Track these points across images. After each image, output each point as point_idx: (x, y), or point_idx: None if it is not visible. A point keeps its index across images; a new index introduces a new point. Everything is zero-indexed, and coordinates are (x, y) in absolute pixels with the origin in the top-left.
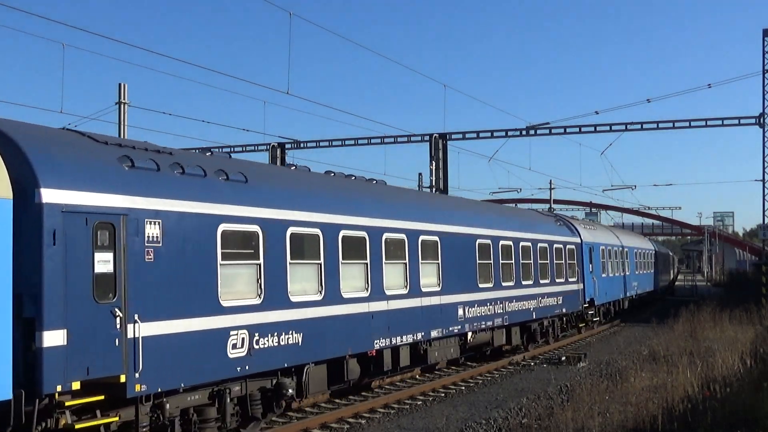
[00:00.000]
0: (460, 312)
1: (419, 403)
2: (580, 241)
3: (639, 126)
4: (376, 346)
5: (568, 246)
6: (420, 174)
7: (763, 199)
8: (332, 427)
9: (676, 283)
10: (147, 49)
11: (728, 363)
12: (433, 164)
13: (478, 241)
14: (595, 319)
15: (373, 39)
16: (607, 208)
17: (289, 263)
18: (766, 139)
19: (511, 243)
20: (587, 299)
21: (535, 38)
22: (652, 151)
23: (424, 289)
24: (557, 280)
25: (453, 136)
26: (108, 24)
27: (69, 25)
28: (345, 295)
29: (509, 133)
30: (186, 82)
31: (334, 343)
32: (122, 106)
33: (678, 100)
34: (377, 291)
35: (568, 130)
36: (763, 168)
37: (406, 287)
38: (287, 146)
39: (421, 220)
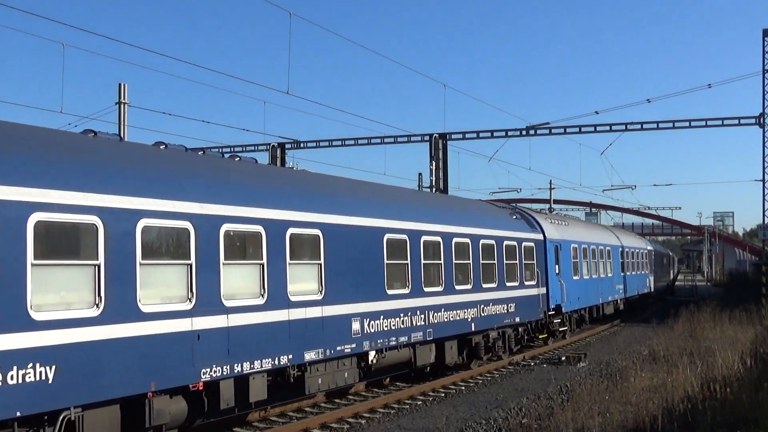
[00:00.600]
0: (356, 326)
1: (419, 403)
2: (542, 238)
3: (639, 126)
4: (206, 377)
5: (525, 243)
6: (420, 174)
7: (763, 199)
8: (332, 427)
9: (676, 283)
10: (147, 49)
11: (728, 363)
12: (433, 164)
13: (388, 236)
14: (562, 329)
15: (373, 39)
16: (607, 208)
17: (32, 264)
18: (766, 139)
19: (439, 239)
20: (552, 306)
21: (535, 38)
22: (652, 151)
23: (293, 298)
24: (508, 284)
25: (453, 136)
26: (108, 24)
27: (69, 25)
28: (146, 309)
29: (509, 133)
30: (186, 82)
31: (124, 377)
32: (122, 106)
33: (678, 100)
34: (208, 302)
35: (568, 130)
36: (763, 168)
37: (261, 296)
38: (287, 146)
39: (292, 209)
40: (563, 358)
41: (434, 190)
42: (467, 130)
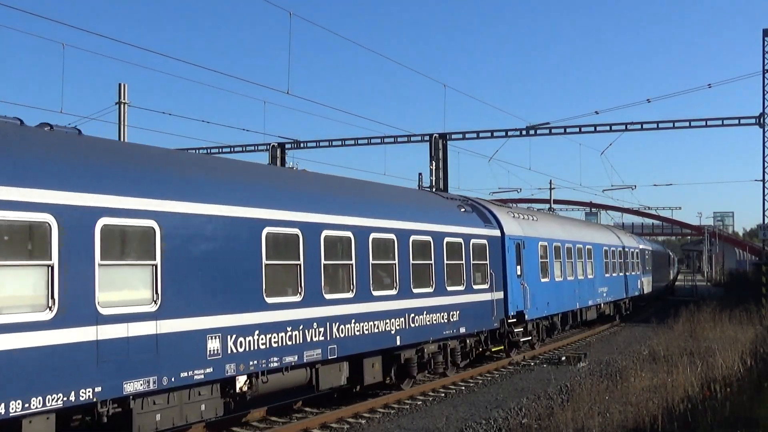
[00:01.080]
0: (214, 345)
1: (419, 403)
2: (499, 234)
3: (639, 126)
4: None
5: (475, 240)
6: (420, 174)
7: (763, 199)
8: (332, 427)
9: (677, 283)
10: (147, 49)
11: (728, 363)
12: (433, 164)
13: (270, 230)
14: (525, 339)
15: (373, 39)
16: (607, 208)
17: None
18: (766, 139)
19: (350, 234)
20: (512, 312)
21: (535, 38)
22: (652, 151)
23: (105, 311)
24: (450, 289)
25: (453, 136)
26: (108, 24)
27: (69, 25)
28: None
29: (509, 133)
30: (186, 82)
31: None
32: (122, 106)
33: (678, 100)
34: None
35: (568, 130)
36: (763, 168)
37: (49, 308)
38: (287, 146)
39: (103, 192)
40: (563, 358)
41: (434, 190)
42: (467, 130)
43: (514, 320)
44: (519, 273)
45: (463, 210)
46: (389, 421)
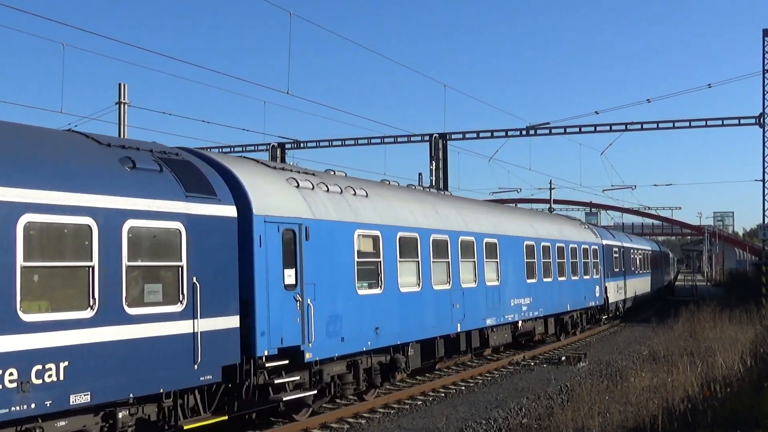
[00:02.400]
0: None
1: (419, 403)
2: (235, 213)
3: (639, 126)
4: None
5: (144, 224)
6: (420, 174)
7: (763, 199)
8: (332, 427)
9: (677, 283)
10: (147, 49)
11: (728, 363)
12: (433, 164)
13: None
14: (291, 397)
15: (373, 39)
16: (607, 208)
17: None
18: (766, 139)
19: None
20: (262, 351)
21: (535, 38)
22: (652, 151)
23: None
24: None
25: (453, 136)
26: (108, 24)
27: (69, 25)
28: None
29: (509, 133)
30: (186, 82)
31: None
32: (122, 106)
33: (678, 100)
34: None
35: (568, 130)
36: (763, 168)
37: None
38: (287, 146)
39: None
40: (563, 358)
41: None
42: (467, 130)
43: (284, 362)
44: (293, 282)
45: (131, 168)
46: (389, 421)
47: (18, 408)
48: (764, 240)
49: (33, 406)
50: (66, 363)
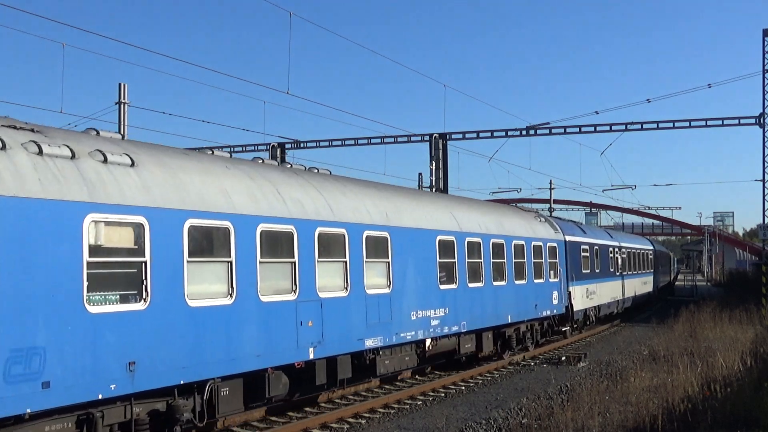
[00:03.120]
0: None
1: (419, 403)
2: None
3: (639, 126)
4: None
5: None
6: (420, 174)
7: (763, 199)
8: (332, 427)
9: (677, 283)
10: (147, 49)
11: (728, 363)
12: (433, 164)
13: None
14: None
15: (374, 39)
16: (607, 208)
17: None
18: (766, 139)
19: None
20: None
21: (535, 38)
22: (652, 151)
23: None
24: None
25: (453, 136)
26: (108, 24)
27: (69, 25)
28: None
29: (509, 133)
30: (186, 82)
31: None
32: (122, 106)
33: (678, 100)
34: None
35: (568, 130)
36: (763, 168)
37: None
38: (287, 146)
39: None
40: (563, 358)
41: (434, 190)
42: (467, 130)
43: None
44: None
45: None
46: (389, 421)
47: None
48: (764, 240)
49: None
50: None
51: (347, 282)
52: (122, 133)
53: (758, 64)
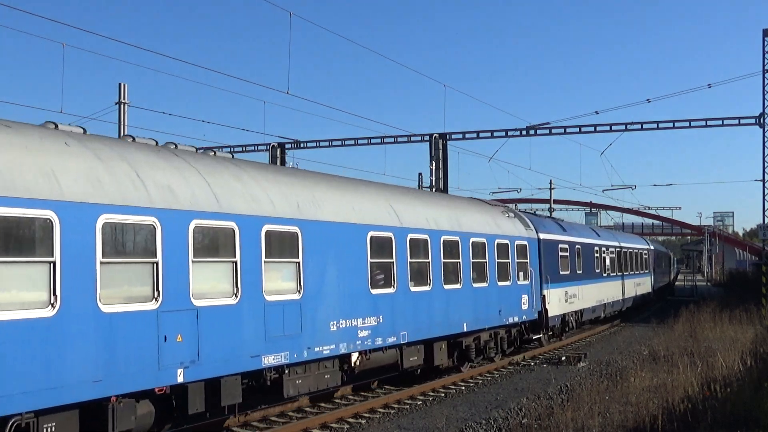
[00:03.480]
0: None
1: (419, 403)
2: None
3: (639, 126)
4: None
5: None
6: (420, 174)
7: (763, 199)
8: (332, 427)
9: (677, 283)
10: (147, 49)
11: (728, 363)
12: (433, 164)
13: None
14: None
15: (374, 39)
16: (607, 208)
17: None
18: (766, 139)
19: None
20: None
21: (535, 38)
22: (652, 151)
23: None
24: None
25: (453, 136)
26: (108, 24)
27: (69, 25)
28: None
29: (509, 133)
30: (186, 82)
31: None
32: (122, 106)
33: (678, 100)
34: None
35: (568, 130)
36: (763, 168)
37: None
38: (287, 146)
39: None
40: (563, 358)
41: (434, 190)
42: (467, 130)
43: None
44: None
45: None
46: (389, 421)
47: None
48: (764, 240)
49: None
50: None
51: (237, 287)
52: (122, 133)
53: (758, 64)
